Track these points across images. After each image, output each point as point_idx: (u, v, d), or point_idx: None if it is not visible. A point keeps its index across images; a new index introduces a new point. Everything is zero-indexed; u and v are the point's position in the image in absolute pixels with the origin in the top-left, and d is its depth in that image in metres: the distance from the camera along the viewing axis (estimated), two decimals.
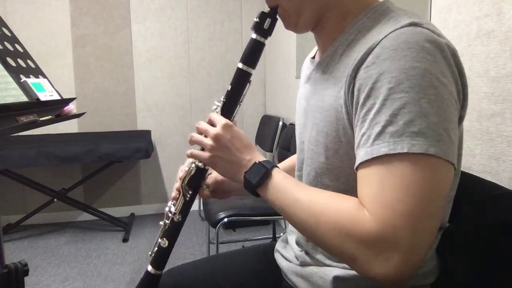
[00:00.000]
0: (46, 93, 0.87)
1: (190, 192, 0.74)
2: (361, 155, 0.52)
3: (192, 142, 0.69)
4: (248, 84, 0.70)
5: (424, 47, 0.50)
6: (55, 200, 2.72)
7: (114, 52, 3.00)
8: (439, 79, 0.50)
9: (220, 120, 0.67)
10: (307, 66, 0.76)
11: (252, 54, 0.68)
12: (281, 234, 2.28)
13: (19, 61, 0.88)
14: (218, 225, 1.73)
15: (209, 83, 3.16)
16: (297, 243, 0.75)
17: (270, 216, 1.86)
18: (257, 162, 0.63)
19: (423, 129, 0.48)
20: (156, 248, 0.77)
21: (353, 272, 0.63)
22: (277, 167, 0.63)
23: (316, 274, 0.68)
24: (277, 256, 0.83)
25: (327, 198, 0.56)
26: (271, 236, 2.34)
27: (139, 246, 2.56)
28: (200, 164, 0.72)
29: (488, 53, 0.89)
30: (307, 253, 0.71)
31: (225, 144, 0.65)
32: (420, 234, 0.48)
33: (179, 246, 2.55)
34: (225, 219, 1.73)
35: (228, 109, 0.70)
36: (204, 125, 0.68)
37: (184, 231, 3.16)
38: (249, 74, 0.69)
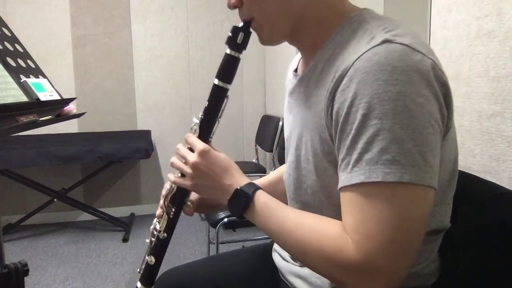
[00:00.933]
0: (46, 93, 0.87)
1: (173, 209, 0.73)
2: (342, 179, 0.53)
3: (173, 167, 0.70)
4: (225, 99, 0.70)
5: (397, 67, 0.49)
6: (55, 200, 2.72)
7: (114, 52, 3.00)
8: (415, 100, 0.49)
9: (197, 146, 0.67)
10: (290, 80, 0.75)
11: (228, 69, 0.68)
12: None
13: (19, 61, 0.88)
14: (218, 225, 1.73)
15: (209, 83, 3.10)
16: None
17: None
18: (238, 188, 0.63)
19: (397, 156, 0.48)
20: (144, 266, 0.77)
21: None
22: (260, 188, 0.64)
23: (314, 274, 0.68)
24: (275, 256, 0.82)
25: (312, 224, 0.57)
26: None
27: (139, 246, 2.56)
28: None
29: (488, 53, 0.89)
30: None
31: (204, 172, 0.66)
32: (400, 260, 0.50)
33: (179, 246, 2.55)
34: (225, 219, 1.73)
35: (206, 127, 0.70)
36: (183, 151, 0.69)
37: (184, 231, 3.16)
38: (226, 90, 0.69)
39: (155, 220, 0.77)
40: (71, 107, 0.94)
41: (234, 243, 2.53)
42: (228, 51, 0.67)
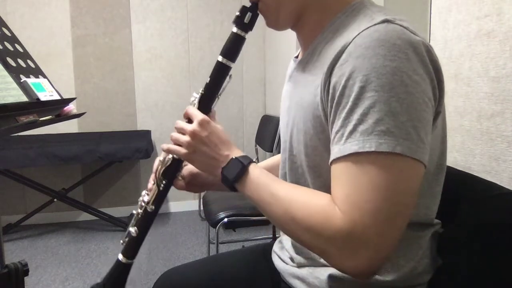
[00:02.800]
0: (46, 93, 0.87)
1: (164, 182, 0.73)
2: (334, 152, 0.54)
3: (172, 139, 0.70)
4: (228, 78, 0.70)
5: (395, 44, 0.51)
6: (55, 200, 2.72)
7: (114, 52, 3.00)
8: (411, 77, 0.51)
9: (197, 116, 0.67)
10: (290, 66, 0.77)
11: (232, 47, 0.68)
12: (281, 234, 2.28)
13: (19, 61, 0.87)
14: (218, 225, 1.73)
15: None
16: (293, 244, 0.75)
17: None
18: (234, 157, 0.64)
19: (391, 128, 0.49)
20: (127, 237, 0.76)
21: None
22: (255, 162, 0.65)
23: (311, 275, 0.68)
24: (274, 257, 0.82)
25: (302, 195, 0.58)
26: (271, 236, 2.34)
27: None
28: (176, 156, 0.72)
29: (488, 53, 0.89)
30: (302, 253, 0.71)
31: (202, 140, 0.66)
32: (386, 231, 0.50)
33: (179, 246, 2.55)
34: (225, 219, 1.73)
35: (206, 102, 0.70)
36: (181, 124, 0.69)
37: (184, 231, 3.16)
38: (229, 68, 0.69)
39: (144, 192, 0.76)
40: (71, 107, 0.94)
41: (234, 243, 2.53)
42: (234, 29, 0.68)
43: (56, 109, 0.91)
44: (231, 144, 0.68)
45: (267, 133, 2.68)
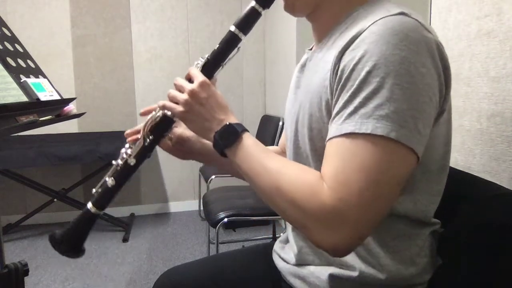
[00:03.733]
0: (46, 93, 0.87)
1: (150, 137, 0.72)
2: (331, 131, 0.55)
3: (169, 96, 0.69)
4: (236, 50, 0.70)
5: (408, 35, 0.52)
6: (55, 200, 2.72)
7: (114, 52, 3.00)
8: (418, 68, 0.51)
9: (198, 77, 0.66)
10: (303, 57, 0.77)
11: (247, 20, 0.68)
12: (281, 234, 2.28)
13: (19, 61, 0.87)
14: (218, 225, 1.73)
15: None
16: (295, 243, 0.74)
17: (270, 216, 1.86)
18: (229, 123, 0.64)
19: (390, 114, 0.50)
20: (101, 187, 0.74)
21: (348, 272, 0.64)
22: (248, 131, 0.64)
23: (312, 274, 0.68)
24: (275, 257, 0.82)
25: (292, 169, 0.58)
26: (271, 236, 2.34)
27: (139, 246, 2.56)
28: (168, 113, 0.70)
29: (488, 53, 0.89)
30: (303, 252, 0.71)
31: (199, 101, 0.65)
32: (368, 213, 0.51)
33: (179, 246, 2.55)
34: (225, 219, 1.73)
35: (210, 68, 0.69)
36: (181, 81, 0.68)
37: (184, 231, 3.15)
38: (239, 39, 0.68)
39: (127, 144, 0.74)
40: (71, 107, 0.94)
41: (234, 243, 2.53)
42: (253, 3, 0.67)
43: (56, 109, 0.91)
44: (228, 110, 0.67)
45: (267, 133, 2.68)
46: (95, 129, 3.02)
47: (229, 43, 0.69)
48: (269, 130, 2.66)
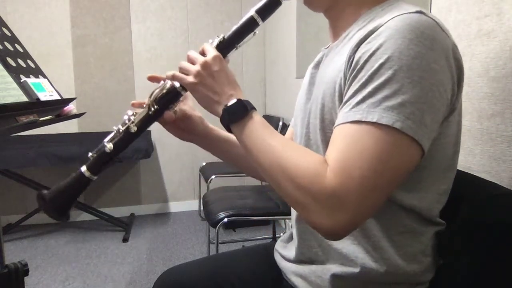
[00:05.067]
0: (46, 93, 0.87)
1: (155, 107, 0.72)
2: (339, 118, 0.56)
3: (180, 67, 0.69)
4: (252, 34, 0.70)
5: (424, 33, 0.53)
6: None
7: (114, 52, 3.00)
8: (430, 65, 0.52)
9: (212, 51, 0.67)
10: (319, 54, 0.78)
11: (268, 8, 0.69)
12: (281, 234, 2.28)
13: (19, 61, 0.88)
14: (218, 225, 1.73)
15: None
16: (298, 242, 0.74)
17: (270, 216, 1.86)
18: (240, 99, 0.64)
19: (397, 105, 0.51)
20: (98, 151, 0.73)
21: (350, 271, 0.64)
22: (256, 110, 0.65)
23: (314, 273, 0.68)
24: (276, 256, 0.83)
25: (297, 149, 0.59)
26: (271, 236, 2.34)
27: (139, 246, 2.56)
28: (177, 85, 0.70)
29: (488, 53, 0.89)
30: (305, 251, 0.71)
31: (211, 73, 0.65)
32: (366, 200, 0.52)
33: (179, 246, 2.55)
34: (225, 219, 1.73)
35: (224, 46, 0.70)
36: (194, 54, 0.69)
37: (184, 231, 3.16)
38: (257, 24, 0.69)
39: (131, 111, 0.74)
40: (71, 107, 0.94)
41: (234, 243, 2.53)
42: None
43: (56, 109, 0.91)
44: (238, 86, 0.67)
45: None
46: (95, 129, 3.02)
47: (247, 26, 0.69)
48: None
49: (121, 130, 0.73)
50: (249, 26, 0.69)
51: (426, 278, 0.65)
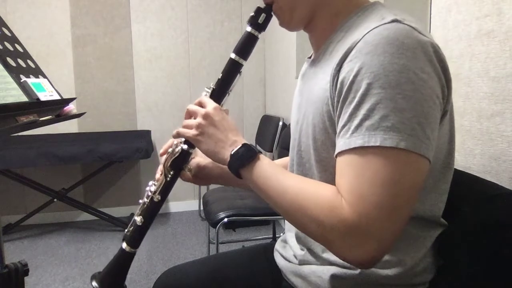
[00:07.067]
0: (46, 93, 0.87)
1: (171, 173, 0.75)
2: (340, 145, 0.55)
3: (183, 126, 0.71)
4: (238, 75, 0.73)
5: (404, 43, 0.52)
6: (55, 200, 2.72)
7: (114, 52, 3.00)
8: (418, 75, 0.52)
9: (210, 103, 0.69)
10: (304, 66, 0.79)
11: (245, 46, 0.71)
12: (281, 234, 2.28)
13: (19, 61, 0.87)
14: (218, 225, 1.73)
15: (209, 83, 3.16)
16: (297, 238, 0.75)
17: (270, 216, 1.86)
18: (245, 143, 0.65)
19: (396, 124, 0.51)
20: (132, 226, 0.78)
21: (350, 271, 0.64)
22: (261, 152, 0.66)
23: (314, 273, 0.68)
24: (276, 256, 0.83)
25: (310, 185, 0.59)
26: (271, 236, 2.34)
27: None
28: (184, 147, 0.73)
29: (488, 53, 0.89)
30: (306, 247, 0.72)
31: (213, 123, 0.67)
32: (390, 223, 0.51)
33: (179, 246, 2.55)
34: (225, 219, 1.73)
35: (217, 96, 0.72)
36: (194, 107, 0.71)
37: (184, 231, 3.15)
38: (240, 65, 0.71)
39: (151, 182, 0.78)
40: (71, 107, 0.94)
41: (234, 243, 2.53)
42: (248, 29, 0.70)
43: (56, 109, 0.91)
44: (240, 133, 0.69)
45: (267, 133, 2.68)
46: (95, 129, 3.02)
47: (232, 71, 0.72)
48: (269, 130, 2.66)
49: (146, 202, 0.77)
50: (234, 70, 0.72)
51: (426, 279, 0.65)
